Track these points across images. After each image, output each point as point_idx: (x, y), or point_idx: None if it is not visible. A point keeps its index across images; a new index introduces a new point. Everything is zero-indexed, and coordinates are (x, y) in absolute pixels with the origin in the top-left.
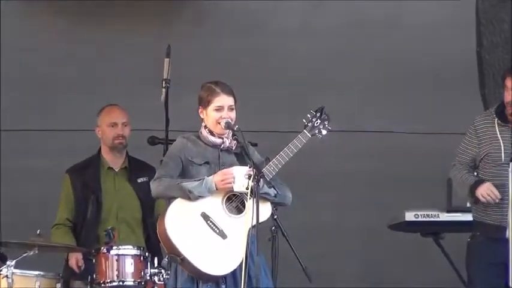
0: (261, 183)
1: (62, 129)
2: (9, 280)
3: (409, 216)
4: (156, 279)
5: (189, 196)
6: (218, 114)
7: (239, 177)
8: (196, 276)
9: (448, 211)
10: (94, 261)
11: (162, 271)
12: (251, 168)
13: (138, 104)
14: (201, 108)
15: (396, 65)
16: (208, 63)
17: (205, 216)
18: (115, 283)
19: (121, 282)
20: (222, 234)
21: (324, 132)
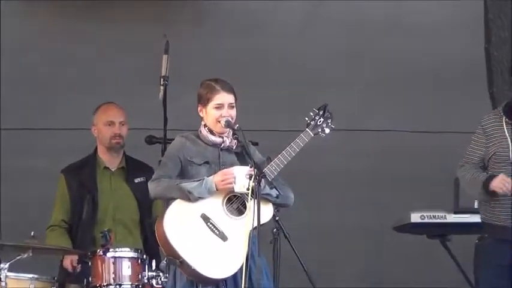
0: (262, 183)
1: (62, 127)
2: (3, 283)
3: (415, 217)
4: (154, 282)
5: (189, 197)
6: (218, 113)
7: (240, 178)
8: (196, 279)
9: (455, 212)
10: (90, 264)
11: (160, 274)
12: (252, 168)
13: (135, 102)
14: (200, 107)
15: (396, 64)
16: (207, 61)
17: (205, 218)
18: (112, 286)
19: (118, 286)
20: (223, 236)
21: (327, 130)
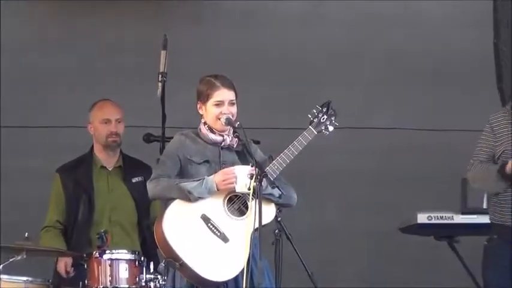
0: (264, 183)
1: (62, 125)
2: None
3: (422, 218)
4: (152, 285)
5: (188, 197)
6: (218, 110)
7: (241, 177)
8: (196, 282)
9: (463, 213)
10: (86, 267)
11: (159, 277)
12: (254, 168)
13: (132, 99)
14: (199, 104)
15: (400, 61)
16: (207, 57)
17: (206, 219)
18: None
19: None
20: (224, 237)
21: (330, 128)
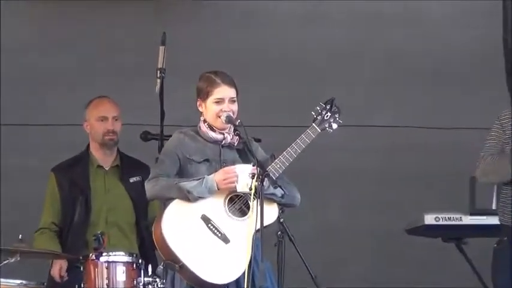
0: (266, 183)
1: (62, 123)
2: None
3: (429, 219)
4: None
5: (188, 197)
6: (218, 107)
7: (243, 176)
8: (196, 284)
9: (472, 214)
10: (82, 269)
11: (157, 280)
12: (255, 167)
13: (129, 96)
14: (199, 101)
15: (404, 59)
16: (207, 56)
17: (206, 219)
18: None
19: None
20: (225, 238)
21: (334, 126)
